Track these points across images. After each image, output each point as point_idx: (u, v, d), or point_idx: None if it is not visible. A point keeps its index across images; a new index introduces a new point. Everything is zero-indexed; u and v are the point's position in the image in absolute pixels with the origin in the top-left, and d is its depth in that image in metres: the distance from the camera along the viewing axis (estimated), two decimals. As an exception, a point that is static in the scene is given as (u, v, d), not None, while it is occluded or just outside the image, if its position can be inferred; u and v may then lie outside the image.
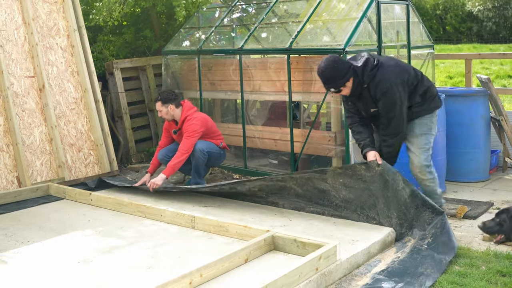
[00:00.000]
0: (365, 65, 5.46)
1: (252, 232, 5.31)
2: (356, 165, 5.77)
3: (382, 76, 5.42)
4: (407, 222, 5.42)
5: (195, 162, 7.23)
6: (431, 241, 5.13)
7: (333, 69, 5.44)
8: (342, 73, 5.43)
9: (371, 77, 5.44)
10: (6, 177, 7.28)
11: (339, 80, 5.44)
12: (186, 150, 7.05)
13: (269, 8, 8.35)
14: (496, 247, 5.21)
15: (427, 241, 5.14)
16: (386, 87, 5.39)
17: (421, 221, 5.38)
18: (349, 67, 5.46)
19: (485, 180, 7.46)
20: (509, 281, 4.46)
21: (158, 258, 5.08)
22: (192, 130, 7.13)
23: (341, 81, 5.45)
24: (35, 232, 5.92)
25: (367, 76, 5.44)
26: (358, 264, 4.90)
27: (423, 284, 4.44)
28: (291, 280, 4.22)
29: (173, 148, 7.37)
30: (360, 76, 5.46)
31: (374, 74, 5.44)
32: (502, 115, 7.53)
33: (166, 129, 7.58)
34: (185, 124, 7.21)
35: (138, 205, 6.37)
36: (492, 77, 16.41)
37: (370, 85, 5.47)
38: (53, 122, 7.72)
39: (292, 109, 7.59)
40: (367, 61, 5.49)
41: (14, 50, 7.70)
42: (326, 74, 5.48)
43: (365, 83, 5.47)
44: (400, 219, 5.43)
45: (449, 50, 29.31)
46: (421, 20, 8.45)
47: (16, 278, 4.74)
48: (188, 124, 7.18)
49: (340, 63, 5.48)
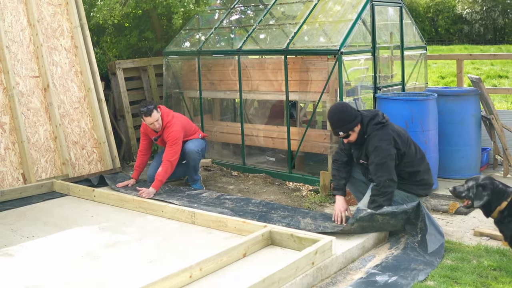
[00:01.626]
0: (372, 118, 5.42)
1: (250, 227, 5.31)
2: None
3: (380, 134, 5.35)
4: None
5: (193, 162, 7.21)
6: (420, 239, 5.11)
7: (342, 113, 5.38)
8: (351, 118, 5.36)
9: (372, 131, 5.37)
10: (12, 174, 7.27)
11: (347, 124, 5.35)
12: (171, 159, 6.92)
13: (267, 10, 8.34)
14: (486, 241, 5.22)
15: (417, 239, 5.12)
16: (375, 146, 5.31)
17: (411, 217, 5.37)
18: (357, 114, 5.42)
19: (476, 177, 7.45)
20: (500, 275, 4.46)
21: (159, 252, 5.08)
22: (174, 138, 6.98)
23: (349, 125, 5.36)
24: (40, 227, 5.91)
25: (370, 128, 5.38)
26: (353, 258, 4.90)
27: (416, 278, 4.45)
28: (288, 274, 4.22)
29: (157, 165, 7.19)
30: (364, 126, 5.41)
31: (376, 129, 5.37)
32: (492, 114, 7.53)
33: (143, 133, 7.36)
34: (166, 132, 7.06)
35: (140, 201, 6.37)
36: (483, 77, 16.43)
37: (368, 138, 5.40)
38: (57, 120, 7.71)
39: (289, 108, 7.58)
40: (376, 115, 5.45)
41: (19, 51, 7.68)
42: (336, 117, 5.40)
43: (366, 133, 5.41)
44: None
45: (441, 51, 29.37)
46: (414, 22, 8.44)
47: (21, 271, 4.74)
48: (168, 132, 7.03)
49: (349, 108, 5.45)
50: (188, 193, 6.85)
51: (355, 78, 7.26)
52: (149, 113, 6.91)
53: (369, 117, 5.42)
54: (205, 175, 7.93)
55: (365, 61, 7.38)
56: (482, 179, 4.73)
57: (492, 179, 4.73)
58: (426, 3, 43.64)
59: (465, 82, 9.39)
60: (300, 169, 7.67)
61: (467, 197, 4.73)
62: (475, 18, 40.11)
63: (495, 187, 4.66)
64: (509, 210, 4.57)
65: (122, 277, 4.55)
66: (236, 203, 6.39)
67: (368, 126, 5.40)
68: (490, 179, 4.72)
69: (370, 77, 7.35)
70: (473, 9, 40.53)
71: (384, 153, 5.26)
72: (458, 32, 42.03)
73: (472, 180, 4.79)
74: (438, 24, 42.55)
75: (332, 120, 5.45)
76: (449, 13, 42.20)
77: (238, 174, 8.00)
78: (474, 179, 4.77)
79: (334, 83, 6.93)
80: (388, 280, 4.39)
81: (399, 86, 7.89)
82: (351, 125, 5.36)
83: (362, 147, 5.45)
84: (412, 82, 8.22)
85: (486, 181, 4.70)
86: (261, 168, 7.96)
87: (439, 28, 42.44)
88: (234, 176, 7.95)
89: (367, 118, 5.42)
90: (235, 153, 8.61)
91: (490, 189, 4.64)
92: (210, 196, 6.66)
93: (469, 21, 41.03)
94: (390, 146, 5.29)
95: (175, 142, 6.98)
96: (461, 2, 42.02)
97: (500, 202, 4.61)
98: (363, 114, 5.46)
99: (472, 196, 4.69)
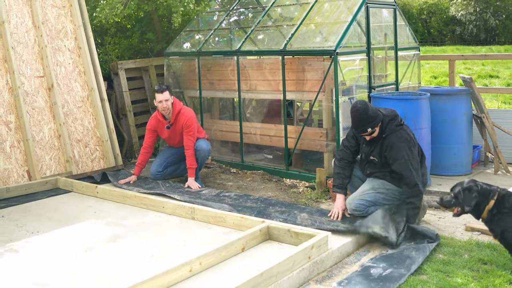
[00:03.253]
0: (392, 119, 5.42)
1: (248, 222, 5.31)
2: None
3: (400, 134, 5.35)
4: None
5: (201, 160, 7.25)
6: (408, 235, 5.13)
7: (369, 110, 5.34)
8: (376, 116, 5.35)
9: (392, 131, 5.37)
10: (17, 171, 7.26)
11: (374, 121, 5.33)
12: (192, 145, 7.09)
13: (265, 12, 8.34)
14: (478, 236, 5.22)
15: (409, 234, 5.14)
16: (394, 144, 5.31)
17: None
18: (379, 113, 5.40)
19: (468, 173, 7.45)
20: (490, 269, 4.46)
21: (160, 247, 5.08)
22: (191, 123, 7.14)
23: (375, 121, 5.34)
24: (44, 222, 5.91)
25: (389, 129, 5.38)
26: (348, 253, 4.90)
27: (409, 269, 4.45)
28: (285, 268, 4.22)
29: (161, 162, 7.39)
30: (384, 125, 5.40)
31: (396, 130, 5.36)
32: (483, 113, 7.53)
33: (150, 130, 7.37)
34: (182, 118, 7.16)
35: (141, 198, 6.36)
36: (474, 77, 16.42)
37: (386, 137, 5.38)
38: (61, 119, 7.70)
39: (286, 107, 7.57)
40: (396, 116, 5.45)
41: (24, 51, 7.67)
42: (364, 115, 5.32)
43: (384, 132, 5.40)
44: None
45: (434, 51, 29.34)
46: (408, 23, 8.43)
47: (26, 266, 4.73)
48: (185, 117, 7.15)
49: (373, 107, 5.45)
50: (188, 190, 6.85)
51: (350, 78, 7.25)
52: (162, 91, 7.09)
53: (389, 117, 5.42)
54: (205, 172, 7.93)
55: (360, 61, 7.38)
56: (466, 183, 4.65)
57: (475, 181, 4.66)
58: (419, 5, 43.68)
59: (457, 81, 9.39)
60: (297, 166, 7.67)
61: (456, 205, 4.65)
62: (469, 19, 40.19)
63: (480, 188, 4.60)
64: (498, 207, 4.54)
65: (124, 271, 4.55)
66: (235, 199, 6.39)
67: (388, 125, 5.39)
68: (473, 181, 4.65)
69: (365, 77, 7.35)
70: (467, 11, 40.64)
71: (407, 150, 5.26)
72: (450, 33, 42.11)
73: (456, 186, 4.70)
74: (431, 25, 42.62)
75: (361, 117, 5.33)
76: (442, 15, 42.27)
77: (237, 171, 8.00)
78: (459, 185, 4.67)
79: (330, 83, 6.93)
80: (383, 273, 4.40)
81: (393, 85, 7.89)
82: (376, 122, 5.33)
83: (377, 144, 5.43)
84: (405, 82, 8.22)
85: (470, 184, 4.62)
86: (259, 165, 7.96)
87: (431, 30, 42.49)
88: (233, 173, 7.94)
89: (387, 117, 5.42)
90: (234, 151, 8.60)
91: (476, 191, 4.57)
92: (210, 193, 6.65)
93: (461, 22, 41.11)
94: (407, 147, 5.29)
95: (192, 128, 7.14)
96: (455, 4, 42.11)
97: (488, 201, 4.57)
98: (383, 113, 5.45)
99: (461, 202, 4.63)
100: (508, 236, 4.46)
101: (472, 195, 4.57)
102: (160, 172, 7.35)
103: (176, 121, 7.21)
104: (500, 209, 4.52)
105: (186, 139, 7.11)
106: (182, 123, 7.17)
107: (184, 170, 7.44)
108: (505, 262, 4.55)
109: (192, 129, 7.14)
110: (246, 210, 5.88)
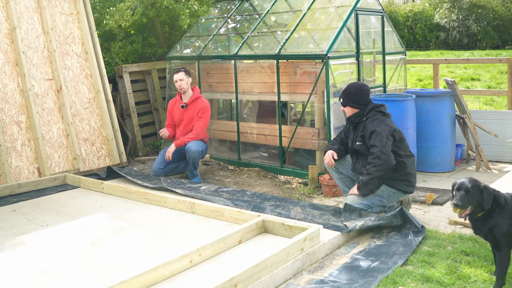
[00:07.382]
0: (377, 106, 5.46)
1: (245, 216, 5.30)
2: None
3: (380, 119, 5.35)
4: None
5: (192, 160, 7.19)
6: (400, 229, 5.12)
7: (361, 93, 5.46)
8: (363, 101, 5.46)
9: (374, 115, 5.38)
10: (28, 168, 7.24)
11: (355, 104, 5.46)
12: (198, 132, 7.23)
13: (261, 19, 8.33)
14: (460, 229, 5.22)
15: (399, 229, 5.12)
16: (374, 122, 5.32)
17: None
18: (368, 102, 5.48)
19: (451, 170, 7.46)
20: (472, 260, 4.46)
21: (162, 239, 5.06)
22: (206, 115, 7.35)
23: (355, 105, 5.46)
24: (53, 216, 5.89)
25: (373, 113, 5.40)
26: (339, 245, 4.89)
27: (396, 263, 4.44)
28: (280, 259, 4.21)
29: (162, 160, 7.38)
30: (367, 109, 5.44)
31: (378, 116, 5.38)
32: (466, 113, 7.53)
33: (169, 112, 7.60)
34: (199, 102, 7.36)
35: (144, 193, 6.34)
36: (457, 79, 16.45)
37: (367, 120, 5.40)
38: (69, 119, 7.69)
39: (280, 108, 7.57)
40: (382, 106, 5.48)
41: (35, 56, 7.65)
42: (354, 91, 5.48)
43: (366, 116, 5.42)
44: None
45: (419, 56, 29.36)
46: (394, 29, 8.43)
47: (36, 256, 4.71)
48: (202, 102, 7.37)
49: (368, 94, 5.51)
50: (188, 186, 6.84)
51: (341, 81, 7.25)
52: (178, 71, 7.42)
53: (375, 106, 5.47)
54: (204, 169, 7.92)
55: (350, 65, 7.38)
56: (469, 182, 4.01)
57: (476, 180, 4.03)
58: (405, 13, 43.83)
59: (441, 84, 9.41)
60: (290, 163, 7.66)
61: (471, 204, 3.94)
62: (452, 26, 40.33)
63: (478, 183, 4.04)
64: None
65: (128, 261, 4.54)
66: (233, 194, 6.38)
67: (372, 111, 5.42)
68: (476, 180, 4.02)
69: (354, 79, 7.34)
70: (450, 18, 40.79)
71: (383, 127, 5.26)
72: (434, 38, 42.26)
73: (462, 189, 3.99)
74: (416, 31, 42.79)
75: (349, 91, 5.50)
76: (427, 22, 42.43)
77: (234, 168, 7.99)
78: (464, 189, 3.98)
79: (322, 85, 6.93)
80: (371, 265, 4.39)
81: (381, 88, 7.89)
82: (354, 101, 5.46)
83: (360, 127, 5.45)
84: (392, 84, 8.22)
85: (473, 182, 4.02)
86: (255, 162, 7.95)
87: (416, 35, 42.64)
88: (230, 170, 7.94)
89: (373, 105, 5.47)
90: (231, 149, 8.59)
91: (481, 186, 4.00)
92: (209, 189, 6.64)
93: (445, 29, 41.26)
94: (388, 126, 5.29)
95: (206, 116, 7.33)
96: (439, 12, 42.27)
97: None
98: (373, 104, 5.50)
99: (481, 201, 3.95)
100: (496, 231, 4.07)
101: (485, 191, 3.97)
102: (161, 169, 7.34)
103: (192, 104, 7.36)
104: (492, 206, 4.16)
105: (197, 123, 7.26)
106: (199, 108, 7.31)
107: (184, 167, 7.43)
108: (486, 254, 4.55)
109: (206, 116, 7.32)
110: (243, 205, 5.88)
